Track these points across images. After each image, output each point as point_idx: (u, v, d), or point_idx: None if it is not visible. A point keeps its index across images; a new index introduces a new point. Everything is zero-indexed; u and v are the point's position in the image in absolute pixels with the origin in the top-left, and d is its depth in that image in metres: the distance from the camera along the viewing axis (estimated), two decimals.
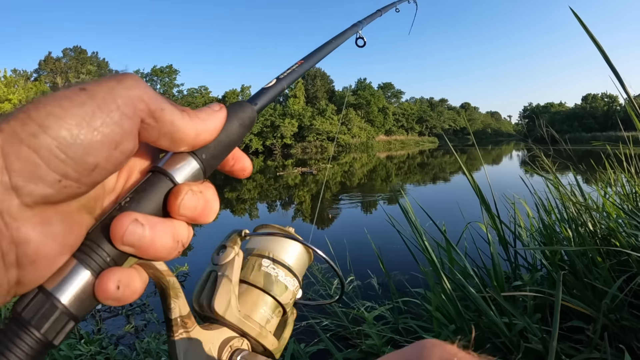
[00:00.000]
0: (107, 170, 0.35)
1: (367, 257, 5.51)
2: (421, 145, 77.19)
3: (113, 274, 0.36)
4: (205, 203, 0.41)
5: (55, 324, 0.34)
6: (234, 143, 0.46)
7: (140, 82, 0.37)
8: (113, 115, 0.34)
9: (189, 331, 0.51)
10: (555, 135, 4.01)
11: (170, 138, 0.39)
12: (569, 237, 3.11)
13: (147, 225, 0.37)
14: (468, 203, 4.44)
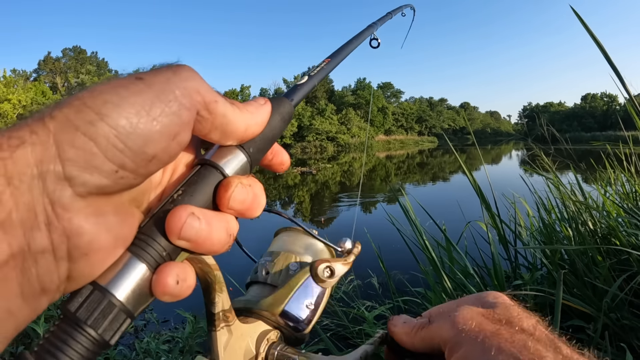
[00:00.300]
0: (163, 161, 0.35)
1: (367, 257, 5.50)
2: (420, 145, 77.21)
3: (171, 268, 0.35)
4: (254, 197, 0.41)
5: (113, 323, 0.33)
6: (276, 137, 0.46)
7: (196, 74, 0.37)
8: (172, 105, 0.33)
9: (230, 325, 0.51)
10: (555, 134, 4.01)
11: (221, 131, 0.39)
12: (569, 236, 3.11)
13: (203, 219, 0.36)
14: (468, 202, 4.44)
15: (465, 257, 3.03)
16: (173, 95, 0.34)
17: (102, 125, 0.30)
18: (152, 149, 0.33)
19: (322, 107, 68.41)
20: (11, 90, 37.97)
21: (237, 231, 0.40)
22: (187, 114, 0.35)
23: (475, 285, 2.68)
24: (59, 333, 0.31)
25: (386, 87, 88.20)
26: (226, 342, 0.51)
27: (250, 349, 0.54)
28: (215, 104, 0.37)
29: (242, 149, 0.42)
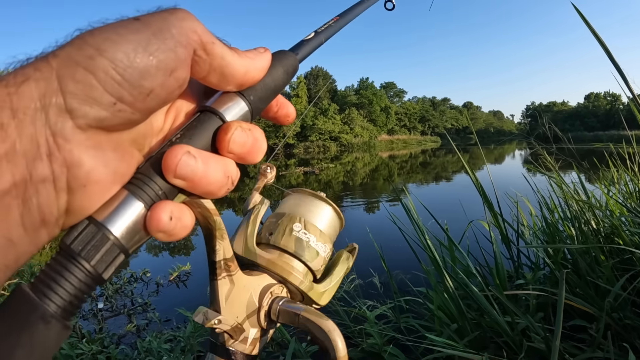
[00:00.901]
0: (161, 97, 0.36)
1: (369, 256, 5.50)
2: (423, 145, 77.13)
3: (165, 205, 0.36)
4: (254, 141, 0.41)
5: (106, 256, 0.34)
6: (278, 88, 0.47)
7: (192, 15, 0.37)
8: (168, 42, 0.35)
9: (232, 275, 0.51)
10: (558, 133, 4.00)
11: (220, 73, 0.39)
12: (571, 236, 3.10)
13: (199, 157, 0.37)
14: (471, 202, 4.43)
15: (468, 257, 3.03)
16: (169, 33, 0.35)
17: (101, 60, 0.31)
18: (149, 83, 0.34)
19: (325, 107, 68.42)
20: None
21: (238, 177, 0.42)
22: (184, 51, 0.36)
23: (478, 285, 2.67)
24: (55, 265, 0.33)
25: (389, 86, 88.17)
26: (228, 292, 0.51)
27: (253, 301, 0.54)
28: (212, 45, 0.38)
29: (242, 96, 0.43)
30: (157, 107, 0.37)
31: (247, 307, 0.53)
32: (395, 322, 3.34)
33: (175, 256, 9.91)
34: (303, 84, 69.41)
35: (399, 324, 3.26)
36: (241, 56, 0.41)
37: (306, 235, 0.62)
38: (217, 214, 0.48)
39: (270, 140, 63.43)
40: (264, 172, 0.65)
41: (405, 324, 3.27)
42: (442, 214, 3.36)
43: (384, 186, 22.41)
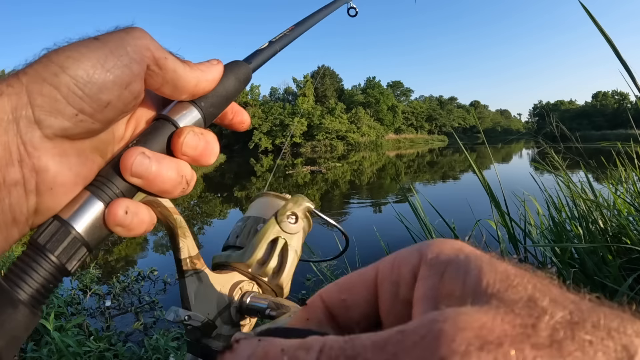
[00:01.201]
0: (118, 108, 0.40)
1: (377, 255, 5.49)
2: (430, 144, 76.96)
3: (122, 201, 0.40)
4: (206, 144, 0.45)
5: (68, 249, 0.38)
6: (231, 96, 0.50)
7: (147, 34, 0.41)
8: (123, 59, 0.38)
9: (199, 272, 0.54)
10: (566, 133, 3.99)
11: (172, 85, 0.43)
12: (579, 235, 3.09)
13: (153, 158, 0.41)
14: (478, 201, 4.43)
15: None
16: (125, 51, 0.39)
17: (64, 76, 0.36)
18: (106, 96, 0.38)
19: (332, 106, 68.36)
20: None
21: (194, 178, 0.46)
22: (137, 66, 0.39)
23: None
24: (24, 258, 0.37)
25: (396, 85, 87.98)
26: (197, 289, 0.54)
27: (223, 298, 0.56)
28: (165, 60, 0.41)
29: (195, 104, 0.46)
30: (115, 117, 0.41)
31: (217, 304, 0.55)
32: None
33: None
34: (310, 83, 69.35)
35: None
36: (193, 68, 0.44)
37: None
38: (177, 213, 0.51)
39: (277, 140, 63.62)
40: None
41: None
42: (449, 213, 3.36)
43: (391, 185, 22.39)
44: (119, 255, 10.24)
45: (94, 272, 6.98)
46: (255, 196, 0.74)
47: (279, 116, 64.43)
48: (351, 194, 19.94)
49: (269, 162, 44.61)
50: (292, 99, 71.91)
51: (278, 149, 64.86)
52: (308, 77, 70.52)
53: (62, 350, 3.55)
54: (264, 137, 63.55)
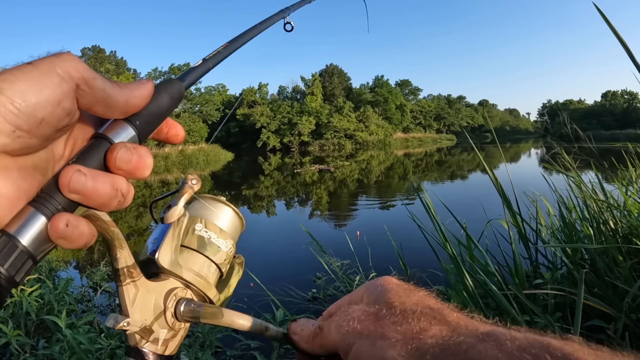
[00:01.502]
0: (52, 125, 0.43)
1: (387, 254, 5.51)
2: (439, 143, 76.64)
3: (62, 215, 0.43)
4: (139, 157, 0.48)
5: (16, 262, 0.40)
6: (164, 112, 0.54)
7: (75, 57, 0.45)
8: (54, 79, 0.42)
9: (135, 280, 0.56)
10: (580, 134, 3.98)
11: (103, 103, 0.46)
12: (589, 235, 3.09)
13: (89, 174, 0.44)
14: (486, 201, 4.43)
15: (486, 255, 3.03)
16: (55, 72, 0.42)
17: (1, 97, 0.39)
18: (40, 113, 0.41)
19: (340, 105, 68.12)
20: None
21: (130, 192, 0.49)
22: (67, 85, 0.43)
23: (496, 283, 2.67)
24: None
25: (404, 84, 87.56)
26: (134, 296, 0.56)
27: (159, 304, 0.58)
28: (93, 80, 0.45)
29: (129, 122, 0.50)
30: (51, 134, 0.44)
31: (153, 310, 0.58)
32: None
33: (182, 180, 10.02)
34: (318, 81, 69.25)
35: None
36: (122, 88, 0.48)
37: (207, 233, 0.69)
38: (114, 226, 0.53)
39: (286, 138, 63.59)
40: (189, 184, 0.67)
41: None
42: (459, 212, 3.35)
43: (399, 184, 22.37)
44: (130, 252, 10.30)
45: (104, 270, 7.02)
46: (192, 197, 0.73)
47: (287, 115, 64.39)
48: (360, 193, 19.93)
49: (277, 161, 44.65)
50: (301, 97, 71.75)
51: (286, 147, 64.88)
52: (316, 76, 70.39)
53: (74, 347, 3.57)
54: (272, 135, 63.57)
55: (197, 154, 44.79)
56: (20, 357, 3.89)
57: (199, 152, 45.49)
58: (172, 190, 0.67)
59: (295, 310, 4.80)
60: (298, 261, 8.23)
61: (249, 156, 54.56)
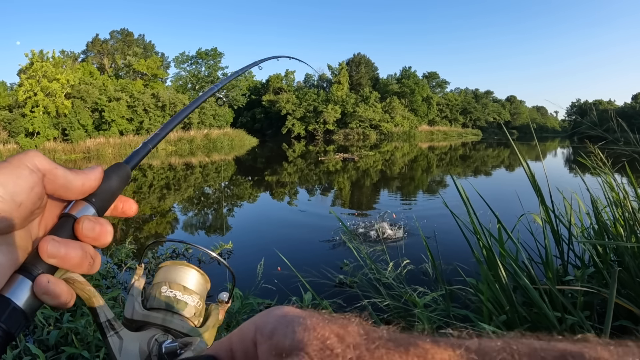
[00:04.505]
0: (28, 207, 0.52)
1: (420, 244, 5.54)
2: (464, 137, 75.93)
3: (44, 276, 0.53)
4: (101, 227, 0.58)
5: (12, 319, 0.49)
6: (116, 190, 0.64)
7: (40, 153, 0.55)
8: (25, 171, 0.52)
9: (118, 332, 0.65)
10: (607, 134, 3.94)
11: (65, 188, 0.56)
12: (621, 235, 3.08)
13: (62, 242, 0.54)
14: (511, 198, 4.43)
15: (519, 248, 3.04)
16: (25, 166, 0.52)
17: None
18: (18, 198, 0.50)
19: (366, 95, 67.84)
20: (60, 70, 38.47)
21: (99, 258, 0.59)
22: (35, 175, 0.53)
23: (526, 277, 2.68)
24: None
25: (431, 76, 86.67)
26: (119, 346, 0.65)
27: (144, 350, 0.68)
28: (55, 170, 0.55)
29: (88, 200, 0.60)
30: (28, 215, 0.53)
31: (140, 355, 0.67)
32: (442, 310, 3.36)
33: (216, 235, 10.07)
34: (345, 70, 68.99)
35: (448, 312, 3.28)
36: (78, 174, 0.58)
37: (172, 292, 0.82)
38: (89, 285, 0.62)
39: (311, 126, 63.52)
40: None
41: (454, 312, 3.29)
42: (486, 207, 3.36)
43: (422, 177, 22.29)
44: (152, 233, 10.44)
45: (129, 247, 7.15)
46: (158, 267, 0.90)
47: (313, 102, 64.32)
48: (383, 183, 19.91)
49: (301, 148, 44.68)
50: (327, 85, 71.55)
51: (311, 135, 64.84)
52: (343, 65, 70.05)
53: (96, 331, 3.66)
54: (297, 122, 63.68)
55: (222, 138, 45.07)
56: (44, 329, 3.99)
57: (223, 137, 45.77)
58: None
59: (324, 294, 4.83)
60: (325, 247, 8.31)
61: (273, 142, 54.67)
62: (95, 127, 41.44)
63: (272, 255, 6.08)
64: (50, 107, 36.88)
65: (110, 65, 61.33)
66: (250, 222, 12.22)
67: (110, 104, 41.88)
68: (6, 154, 31.76)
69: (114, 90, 44.34)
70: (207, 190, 18.92)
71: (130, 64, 57.96)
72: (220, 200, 15.89)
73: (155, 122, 44.55)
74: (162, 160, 31.63)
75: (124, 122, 42.57)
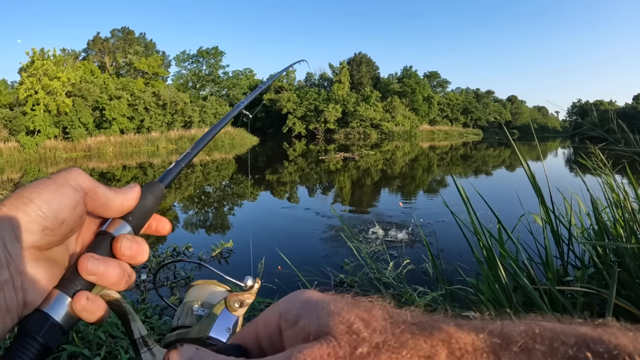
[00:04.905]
0: (69, 225, 0.55)
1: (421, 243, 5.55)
2: (465, 137, 75.89)
3: (83, 293, 0.54)
4: (138, 246, 0.60)
5: (50, 333, 0.51)
6: (151, 209, 0.67)
7: (82, 171, 0.58)
8: (68, 190, 0.54)
9: (151, 348, 0.65)
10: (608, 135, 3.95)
11: (105, 206, 0.59)
12: (621, 236, 3.09)
13: (100, 260, 0.56)
14: (511, 198, 4.44)
15: (520, 248, 3.04)
16: (68, 184, 0.55)
17: (31, 205, 0.51)
18: (61, 215, 0.53)
19: (367, 94, 67.79)
20: (61, 68, 38.26)
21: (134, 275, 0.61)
22: (78, 194, 0.55)
23: (526, 277, 2.69)
24: (15, 344, 0.50)
25: (432, 76, 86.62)
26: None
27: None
28: (97, 188, 0.58)
29: (125, 219, 0.62)
30: (69, 232, 0.55)
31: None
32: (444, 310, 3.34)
33: (217, 234, 10.10)
34: (346, 69, 68.96)
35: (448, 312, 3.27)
36: (117, 192, 0.61)
37: (204, 312, 0.81)
38: (124, 302, 0.62)
39: (311, 125, 63.52)
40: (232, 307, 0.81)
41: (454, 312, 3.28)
42: (486, 206, 3.37)
43: (423, 176, 22.31)
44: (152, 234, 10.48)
45: None
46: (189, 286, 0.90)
47: (314, 101, 64.32)
48: (384, 183, 19.93)
49: (302, 147, 44.70)
50: (328, 84, 71.55)
51: (312, 134, 64.86)
52: (344, 64, 70.06)
53: None
54: (298, 121, 63.70)
55: (222, 137, 44.96)
56: None
57: (224, 135, 45.68)
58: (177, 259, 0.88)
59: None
60: (325, 246, 8.33)
61: (274, 141, 54.70)
62: (96, 125, 41.30)
63: (273, 255, 6.05)
64: (51, 106, 36.70)
65: (111, 64, 61.26)
66: (250, 221, 12.25)
67: (111, 102, 41.77)
68: (7, 152, 31.82)
69: (115, 89, 44.23)
70: (208, 188, 18.92)
71: (131, 63, 57.92)
72: (221, 198, 15.92)
73: (155, 121, 44.58)
74: (163, 159, 31.67)
75: (124, 120, 42.47)
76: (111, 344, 3.83)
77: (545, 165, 3.70)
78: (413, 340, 0.33)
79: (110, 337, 3.94)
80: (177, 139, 43.81)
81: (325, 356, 0.33)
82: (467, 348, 0.31)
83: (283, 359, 0.35)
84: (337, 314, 0.37)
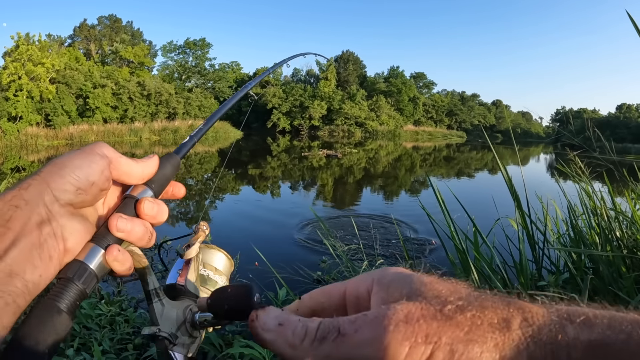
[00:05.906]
0: (98, 186, 0.61)
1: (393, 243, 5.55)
2: (449, 139, 76.23)
3: (114, 246, 0.61)
4: (159, 207, 0.67)
5: (87, 279, 0.57)
6: (170, 176, 0.75)
7: (107, 145, 0.66)
8: (96, 157, 0.62)
9: (161, 299, 0.72)
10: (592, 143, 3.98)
11: (127, 174, 0.66)
12: (596, 243, 3.11)
13: (128, 219, 0.63)
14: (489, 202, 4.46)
15: (493, 252, 3.06)
16: (95, 153, 0.62)
17: (66, 169, 0.58)
18: (91, 178, 0.60)
19: (353, 92, 67.95)
20: (45, 54, 37.94)
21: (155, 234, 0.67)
22: (105, 161, 0.63)
23: (500, 280, 2.70)
24: (57, 288, 0.56)
25: (419, 77, 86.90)
26: (161, 311, 0.72)
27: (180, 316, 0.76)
28: (120, 158, 0.65)
29: (147, 185, 0.69)
30: (98, 193, 0.62)
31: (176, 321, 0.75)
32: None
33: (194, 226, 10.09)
34: (333, 67, 68.96)
35: None
36: (138, 162, 0.68)
37: (206, 272, 0.97)
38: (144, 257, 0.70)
39: (296, 121, 63.55)
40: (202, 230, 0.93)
41: None
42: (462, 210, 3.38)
43: (405, 176, 22.41)
44: None
45: None
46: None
47: (300, 97, 64.37)
48: (366, 181, 19.98)
49: (285, 143, 44.70)
50: (314, 81, 71.55)
51: (296, 130, 64.87)
52: (331, 61, 69.99)
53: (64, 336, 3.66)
54: (282, 117, 63.72)
55: None
56: (19, 319, 3.95)
57: None
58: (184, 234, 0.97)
59: (300, 290, 4.84)
60: (303, 244, 8.31)
61: (258, 136, 54.65)
62: (79, 113, 41.05)
63: (248, 250, 6.02)
64: (34, 92, 36.37)
65: (96, 52, 60.84)
66: (228, 215, 12.30)
67: (95, 90, 41.55)
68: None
69: (100, 77, 44.03)
70: (190, 181, 18.83)
71: (117, 51, 57.39)
72: (202, 192, 15.86)
73: (139, 111, 44.40)
74: (146, 150, 31.49)
75: (108, 109, 42.26)
76: (85, 335, 3.81)
77: (525, 170, 3.72)
78: (493, 306, 0.41)
79: (84, 329, 3.92)
80: (161, 130, 43.59)
81: (417, 310, 0.41)
82: (538, 317, 0.39)
83: (379, 311, 0.43)
84: (428, 283, 0.45)
